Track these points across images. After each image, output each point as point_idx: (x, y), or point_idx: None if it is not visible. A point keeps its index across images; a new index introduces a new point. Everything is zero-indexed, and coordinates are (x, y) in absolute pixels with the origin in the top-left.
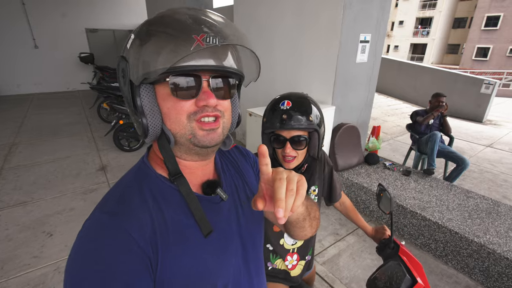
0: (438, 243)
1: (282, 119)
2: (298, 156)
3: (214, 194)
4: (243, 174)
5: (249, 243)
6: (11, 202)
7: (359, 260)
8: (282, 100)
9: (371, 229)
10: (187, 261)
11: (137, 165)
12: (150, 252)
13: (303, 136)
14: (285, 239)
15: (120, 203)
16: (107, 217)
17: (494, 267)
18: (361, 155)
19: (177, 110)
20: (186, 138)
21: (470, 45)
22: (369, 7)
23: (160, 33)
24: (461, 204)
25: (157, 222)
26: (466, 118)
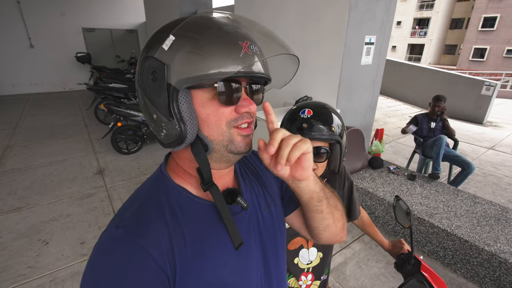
0: (447, 251)
1: (302, 128)
2: (317, 170)
3: (235, 203)
4: (263, 180)
5: (271, 253)
6: (5, 208)
7: (366, 269)
8: (302, 108)
9: (388, 243)
10: (207, 277)
11: (155, 175)
12: (167, 268)
13: (324, 147)
14: (300, 258)
15: (136, 217)
16: (123, 232)
17: (506, 276)
18: (365, 159)
19: (218, 116)
20: (223, 145)
21: (467, 46)
22: (374, 8)
23: (209, 38)
24: (469, 210)
25: (176, 237)
26: (467, 119)
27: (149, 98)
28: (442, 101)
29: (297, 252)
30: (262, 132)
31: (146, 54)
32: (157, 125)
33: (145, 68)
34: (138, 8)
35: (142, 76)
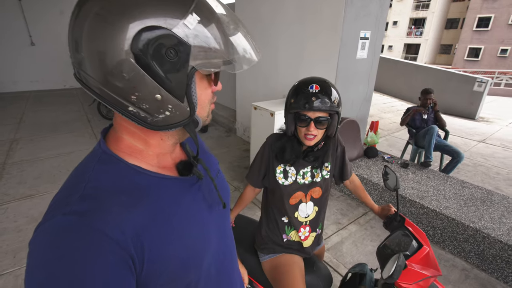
0: (436, 230)
1: (311, 101)
2: (318, 135)
3: (191, 175)
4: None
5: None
6: (17, 195)
7: (361, 247)
8: (310, 83)
9: (378, 208)
10: (172, 248)
11: (95, 156)
12: (132, 249)
13: (326, 117)
14: (299, 212)
15: (88, 201)
16: (74, 219)
17: (489, 250)
18: (361, 149)
19: (206, 95)
20: (203, 120)
21: (462, 46)
22: (369, 5)
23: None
24: (457, 193)
25: (137, 217)
26: (460, 115)
27: (156, 77)
28: (432, 93)
29: (297, 206)
30: (263, 121)
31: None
32: (156, 106)
33: (155, 41)
34: None
35: (147, 50)
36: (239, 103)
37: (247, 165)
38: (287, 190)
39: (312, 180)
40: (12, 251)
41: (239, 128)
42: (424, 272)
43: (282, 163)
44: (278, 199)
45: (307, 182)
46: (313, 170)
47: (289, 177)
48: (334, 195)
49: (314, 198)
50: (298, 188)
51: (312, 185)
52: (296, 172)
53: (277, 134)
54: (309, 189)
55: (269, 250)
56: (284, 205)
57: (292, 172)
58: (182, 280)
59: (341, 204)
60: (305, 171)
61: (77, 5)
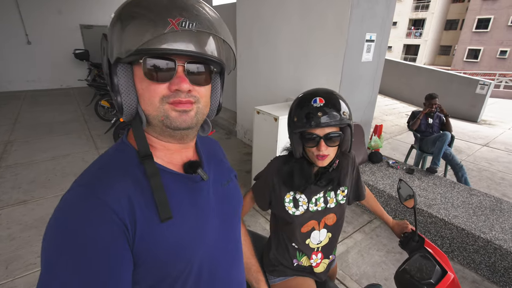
0: (445, 240)
1: (316, 117)
2: (331, 154)
3: (196, 174)
4: (221, 159)
5: (228, 222)
6: (11, 201)
7: (367, 257)
8: (313, 97)
9: (392, 222)
10: (163, 236)
11: (116, 144)
12: (127, 222)
13: (337, 132)
14: (311, 239)
15: (97, 175)
16: (83, 189)
17: (501, 262)
18: (365, 153)
19: (150, 92)
20: (158, 120)
21: (461, 47)
22: (375, 6)
23: (136, 14)
24: (465, 201)
25: (136, 196)
26: (462, 118)
27: (104, 72)
28: (436, 98)
29: (309, 234)
30: (266, 126)
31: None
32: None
33: (100, 44)
34: None
35: (100, 52)
36: (239, 106)
37: (248, 169)
38: (299, 220)
39: (326, 207)
40: (4, 261)
41: (239, 131)
42: None
43: (291, 190)
44: (288, 228)
45: (320, 209)
46: (326, 195)
47: (300, 206)
48: None
49: (328, 225)
50: (311, 217)
51: (326, 211)
52: (307, 200)
53: (282, 157)
54: (323, 216)
55: (279, 273)
56: (295, 234)
57: (303, 201)
58: (170, 269)
59: (346, 211)
60: (317, 197)
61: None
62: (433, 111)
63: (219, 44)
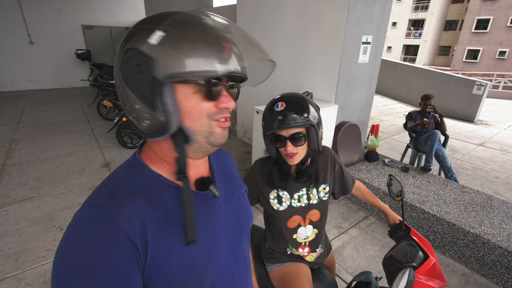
0: (436, 235)
1: (278, 120)
2: (299, 152)
3: (208, 191)
4: (233, 174)
5: (239, 239)
6: (18, 197)
7: (362, 251)
8: (276, 102)
9: (389, 211)
10: (176, 258)
11: (128, 162)
12: (138, 243)
13: (301, 132)
14: (298, 234)
15: (109, 196)
16: (96, 210)
17: (489, 255)
18: (362, 153)
19: (200, 109)
20: (203, 136)
21: (460, 47)
22: (371, 10)
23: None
24: (457, 198)
25: (149, 218)
26: (458, 118)
27: (132, 89)
28: (431, 99)
29: (296, 229)
30: None
31: (129, 45)
32: (139, 115)
33: (128, 59)
34: (138, 6)
35: (125, 67)
36: (239, 106)
37: (248, 168)
38: (284, 215)
39: (309, 203)
40: (14, 254)
41: (239, 130)
42: (430, 284)
43: (273, 188)
44: (276, 222)
45: (303, 205)
46: (309, 192)
47: (284, 202)
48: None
49: (313, 221)
50: (294, 212)
51: (309, 207)
52: (290, 196)
53: (263, 159)
54: (307, 212)
55: (275, 259)
56: (282, 229)
57: (286, 197)
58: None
59: (342, 208)
60: (300, 194)
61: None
62: (427, 111)
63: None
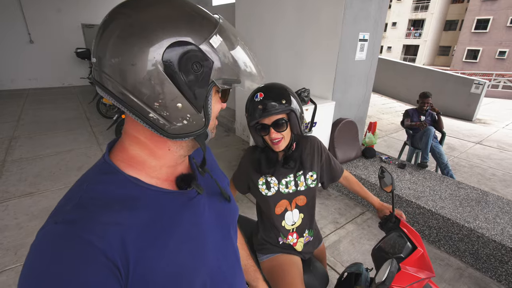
0: (432, 229)
1: (259, 110)
2: (284, 138)
3: (190, 188)
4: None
5: (227, 234)
6: (18, 192)
7: (358, 246)
8: (255, 93)
9: (379, 203)
10: (163, 263)
11: (97, 167)
12: (117, 260)
13: (283, 118)
14: (286, 221)
15: (78, 210)
16: (63, 227)
17: (483, 249)
18: (359, 149)
19: (216, 110)
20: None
21: (460, 47)
22: (368, 7)
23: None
24: (453, 194)
25: (127, 228)
26: (457, 116)
27: (179, 86)
28: (429, 97)
29: (283, 215)
30: None
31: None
32: (177, 114)
33: (184, 54)
34: None
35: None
36: (238, 103)
37: None
38: (272, 200)
39: (296, 189)
40: (14, 248)
41: (238, 128)
42: (417, 275)
43: (262, 175)
44: (266, 209)
45: (291, 191)
46: (297, 179)
47: (272, 187)
48: (332, 194)
49: (299, 205)
50: (282, 197)
51: (296, 193)
52: (278, 181)
53: (252, 147)
54: (293, 197)
55: (267, 250)
56: (272, 217)
57: (274, 182)
58: None
59: (339, 203)
60: (288, 180)
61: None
62: (425, 109)
63: None
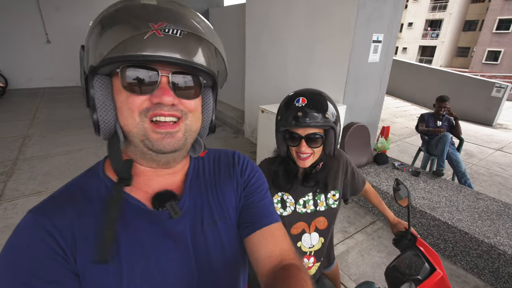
0: (447, 243)
1: (297, 117)
2: (314, 154)
3: (163, 209)
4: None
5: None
6: (27, 191)
7: (367, 258)
8: (297, 97)
9: (393, 218)
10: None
11: (90, 168)
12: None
13: (319, 133)
14: (302, 242)
15: (46, 201)
16: (30, 215)
17: (505, 268)
18: (371, 155)
19: (128, 104)
20: (139, 139)
21: (480, 48)
22: (383, 7)
23: (116, 19)
24: (471, 205)
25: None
26: (476, 121)
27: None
28: (447, 101)
29: (300, 236)
30: (270, 124)
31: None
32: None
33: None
34: None
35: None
36: (247, 104)
37: None
38: (287, 220)
39: (316, 209)
40: None
41: (247, 130)
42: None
43: (278, 191)
44: None
45: (309, 211)
46: (316, 198)
47: (288, 206)
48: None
49: (319, 229)
50: (299, 219)
51: (315, 214)
52: (294, 201)
53: (268, 159)
54: (312, 219)
55: None
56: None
57: (291, 202)
58: None
59: (348, 211)
60: (306, 200)
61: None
62: (441, 114)
63: (210, 54)
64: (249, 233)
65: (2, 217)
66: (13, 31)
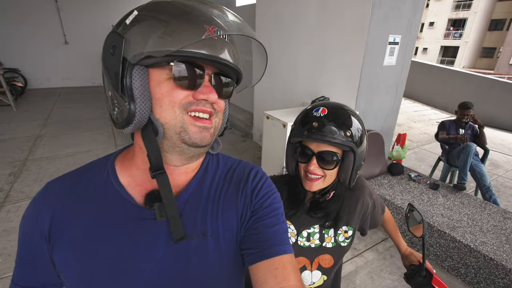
0: (469, 268)
1: (312, 127)
2: (325, 177)
3: (149, 207)
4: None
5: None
6: (31, 193)
7: (377, 280)
8: (317, 106)
9: (404, 248)
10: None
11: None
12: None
13: (335, 153)
14: (304, 278)
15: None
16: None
17: None
18: (384, 165)
19: (172, 97)
20: (175, 131)
21: (507, 49)
22: (401, 6)
23: (173, 15)
24: (497, 225)
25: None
26: (502, 128)
27: (106, 74)
28: (471, 109)
29: (302, 270)
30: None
31: (112, 30)
32: (111, 102)
33: (107, 42)
34: None
35: (104, 51)
36: (256, 108)
37: None
38: None
39: (321, 245)
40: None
41: (255, 133)
42: None
43: None
44: None
45: (313, 246)
46: (324, 232)
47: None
48: None
49: (323, 267)
50: (300, 253)
51: (320, 250)
52: (296, 232)
53: (274, 176)
54: (316, 255)
55: None
56: None
57: (292, 232)
58: None
59: None
60: (311, 232)
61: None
62: (464, 121)
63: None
64: (255, 261)
65: (4, 220)
66: (33, 34)
